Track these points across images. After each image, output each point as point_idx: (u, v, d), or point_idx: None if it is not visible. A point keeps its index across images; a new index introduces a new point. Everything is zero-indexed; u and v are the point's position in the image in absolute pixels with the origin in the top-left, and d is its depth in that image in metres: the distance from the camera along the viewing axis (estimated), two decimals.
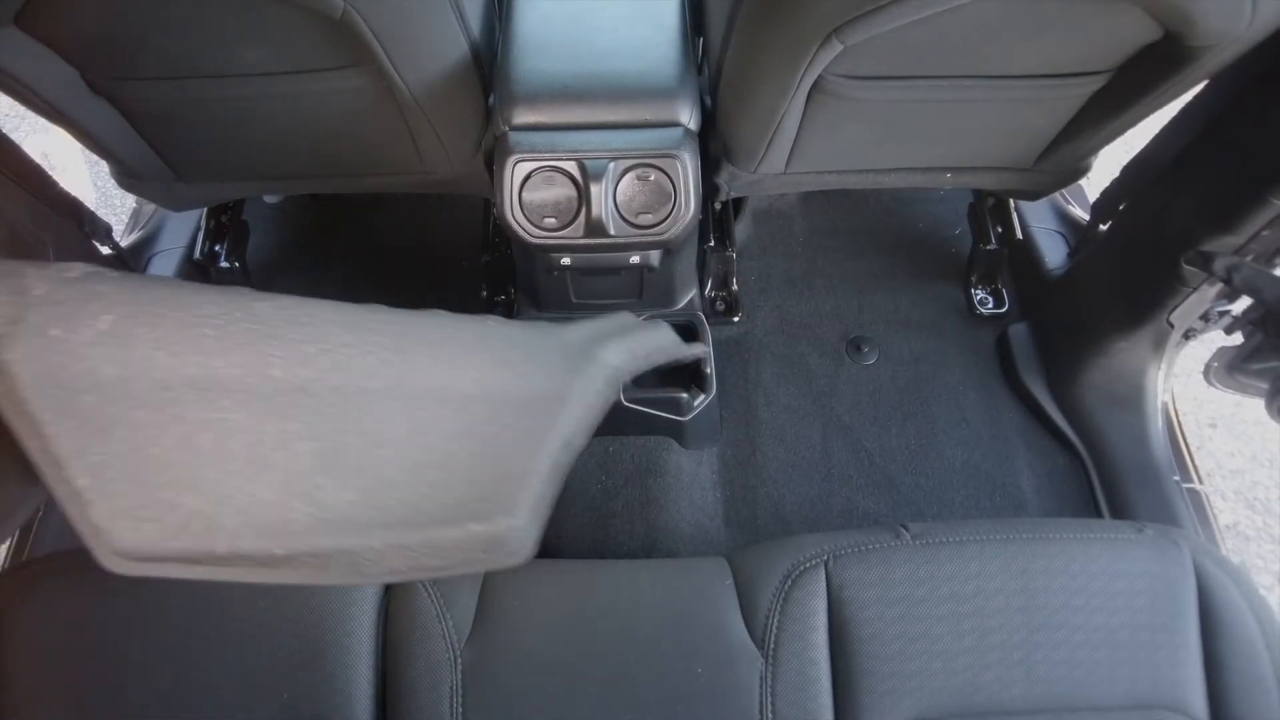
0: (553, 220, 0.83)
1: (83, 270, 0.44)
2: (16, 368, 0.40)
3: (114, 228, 1.08)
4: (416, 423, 0.45)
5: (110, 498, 0.40)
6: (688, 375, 1.00)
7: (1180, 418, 1.05)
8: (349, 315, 0.48)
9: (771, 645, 0.63)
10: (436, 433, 0.45)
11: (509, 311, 1.18)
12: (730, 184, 0.95)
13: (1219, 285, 0.85)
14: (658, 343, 0.54)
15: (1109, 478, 1.04)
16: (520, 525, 0.45)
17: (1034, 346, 1.16)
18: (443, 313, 0.49)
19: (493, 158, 0.84)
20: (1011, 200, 1.21)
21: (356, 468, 0.43)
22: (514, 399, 0.47)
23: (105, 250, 1.07)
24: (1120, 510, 1.02)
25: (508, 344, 0.49)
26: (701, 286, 1.19)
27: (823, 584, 0.65)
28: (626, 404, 0.98)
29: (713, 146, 0.91)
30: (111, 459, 0.41)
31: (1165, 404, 1.04)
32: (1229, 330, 0.89)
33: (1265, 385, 0.76)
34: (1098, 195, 1.04)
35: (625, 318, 0.54)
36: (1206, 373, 0.85)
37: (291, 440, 0.43)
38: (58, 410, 0.40)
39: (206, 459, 0.42)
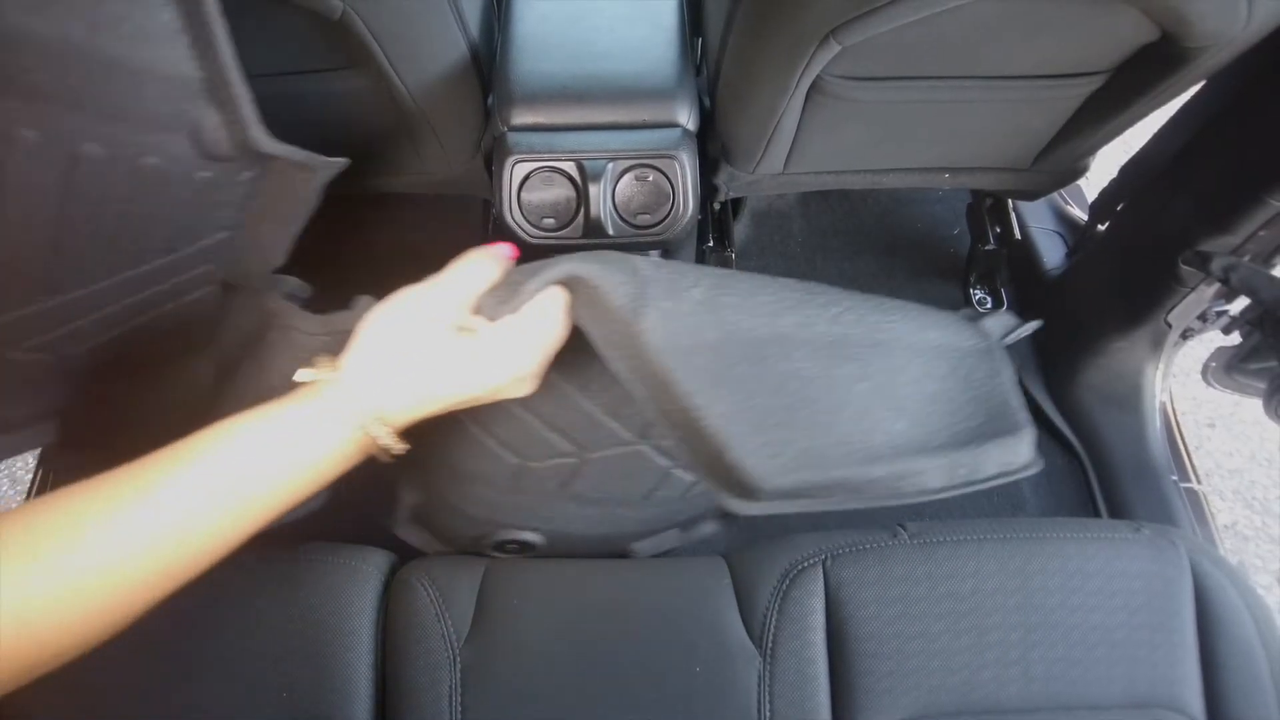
0: (551, 220, 0.83)
1: (656, 253, 0.51)
2: (647, 335, 0.46)
3: None
4: (919, 366, 0.53)
5: (740, 442, 0.46)
6: None
7: (1178, 417, 1.06)
8: (839, 290, 0.55)
9: (769, 644, 0.64)
10: (932, 376, 0.53)
11: None
12: (729, 184, 0.96)
13: (1216, 285, 0.85)
14: (1009, 321, 0.63)
15: (1107, 477, 1.04)
16: (1031, 439, 0.53)
17: (1032, 346, 1.16)
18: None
19: (492, 158, 0.84)
20: (1010, 200, 1.21)
21: (897, 402, 0.51)
22: (963, 350, 0.55)
23: None
24: (1118, 510, 1.02)
25: (927, 309, 0.57)
26: None
27: (820, 583, 0.65)
28: None
29: (711, 147, 0.92)
30: (732, 410, 0.47)
31: (1163, 404, 1.04)
32: (1227, 330, 0.89)
33: (1263, 385, 0.76)
34: (1096, 195, 1.04)
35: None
36: (1204, 372, 0.85)
37: (852, 381, 0.50)
38: (683, 370, 0.47)
39: (797, 403, 0.48)
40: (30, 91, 0.41)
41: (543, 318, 0.48)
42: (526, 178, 0.81)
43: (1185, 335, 0.96)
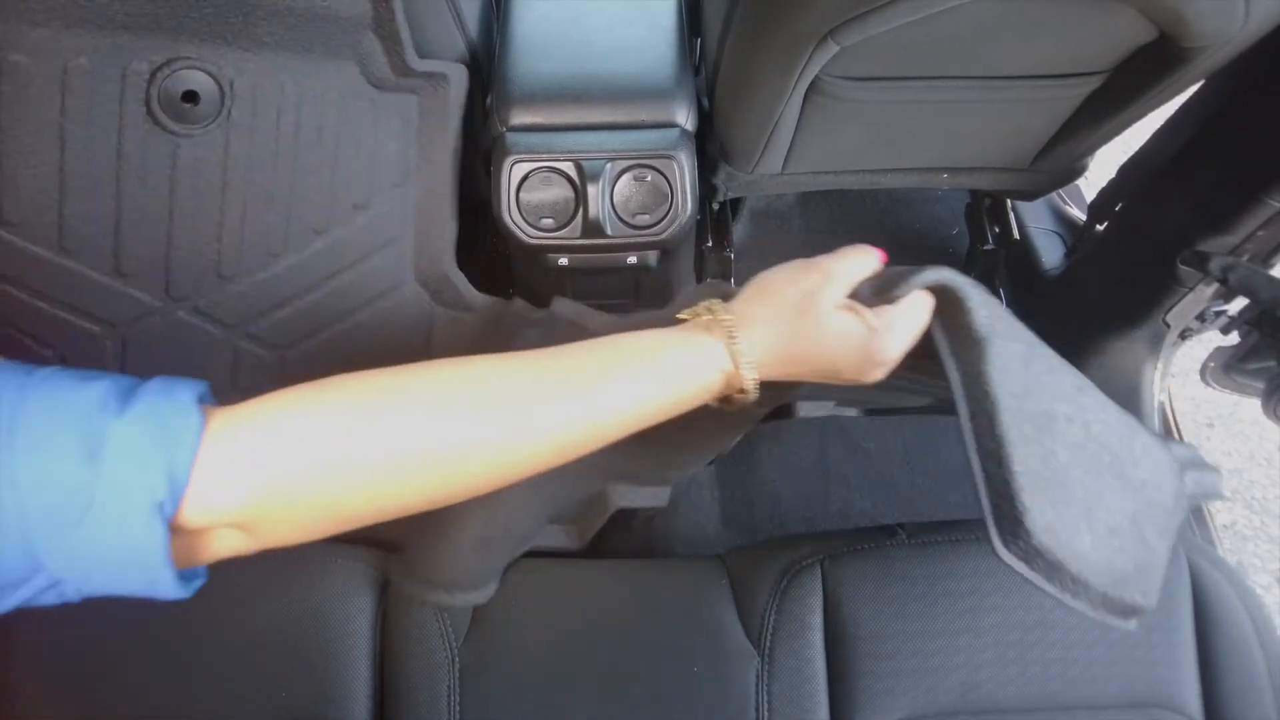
0: (550, 221, 0.83)
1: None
2: (992, 359, 0.50)
3: None
4: (1114, 496, 0.56)
5: (1031, 492, 0.50)
6: None
7: (1177, 417, 1.06)
8: (1101, 396, 0.58)
9: (767, 645, 0.64)
10: (1120, 509, 0.56)
11: None
12: (727, 184, 0.96)
13: (1215, 285, 0.85)
14: (1215, 485, 0.65)
15: None
16: (1152, 605, 0.56)
17: None
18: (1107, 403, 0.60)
19: (490, 158, 0.84)
20: (1009, 200, 1.21)
21: (1092, 521, 0.54)
22: (1153, 501, 0.58)
23: None
24: None
25: (1154, 446, 0.60)
26: None
27: (819, 584, 0.65)
28: None
29: (710, 147, 0.92)
30: (1021, 457, 0.50)
31: (1162, 403, 1.04)
32: (1225, 330, 0.89)
33: (1261, 385, 0.76)
34: (1095, 195, 1.04)
35: (1189, 448, 0.66)
36: (1203, 372, 0.85)
37: (1075, 485, 0.53)
38: (1003, 403, 0.50)
39: (1053, 478, 0.51)
40: (251, 39, 0.53)
41: (915, 314, 0.51)
42: (525, 178, 0.81)
43: (1184, 335, 0.96)
